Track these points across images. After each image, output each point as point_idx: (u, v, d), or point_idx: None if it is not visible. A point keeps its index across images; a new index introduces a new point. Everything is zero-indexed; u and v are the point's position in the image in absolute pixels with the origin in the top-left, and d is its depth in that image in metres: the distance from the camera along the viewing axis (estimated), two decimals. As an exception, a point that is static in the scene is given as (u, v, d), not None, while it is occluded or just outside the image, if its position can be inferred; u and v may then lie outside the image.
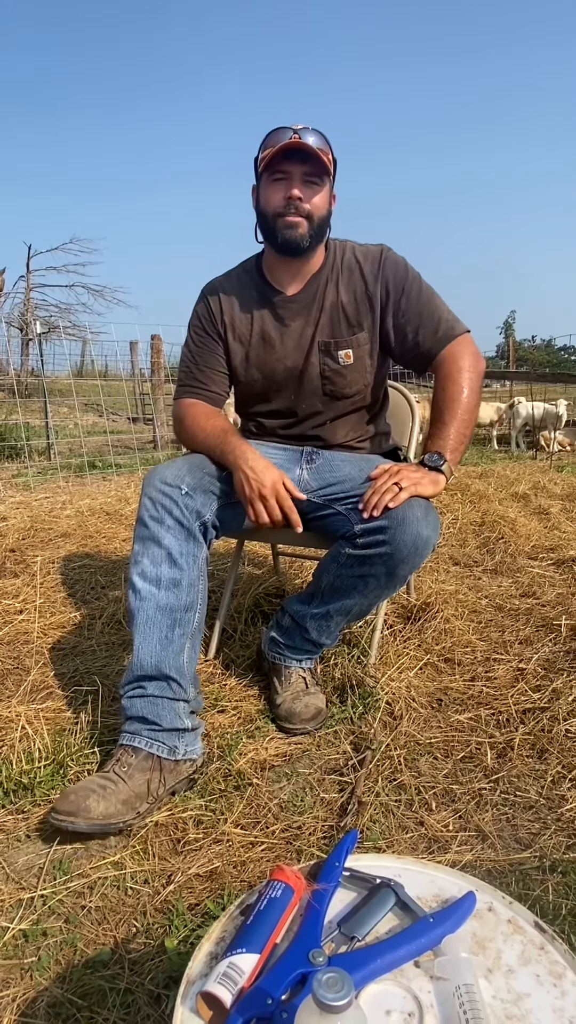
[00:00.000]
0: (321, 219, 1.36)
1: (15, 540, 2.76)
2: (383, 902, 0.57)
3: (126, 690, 1.24)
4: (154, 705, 1.21)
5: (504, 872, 1.05)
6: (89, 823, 1.06)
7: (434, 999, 0.50)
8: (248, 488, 1.29)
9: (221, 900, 0.99)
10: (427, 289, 1.44)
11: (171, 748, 1.19)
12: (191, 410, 1.47)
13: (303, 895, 0.58)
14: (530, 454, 6.39)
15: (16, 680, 1.63)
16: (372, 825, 1.14)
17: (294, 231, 1.34)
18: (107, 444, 6.09)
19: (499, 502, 3.44)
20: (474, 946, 0.55)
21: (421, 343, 1.42)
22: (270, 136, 1.33)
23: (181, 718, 1.22)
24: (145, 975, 0.87)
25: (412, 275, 1.44)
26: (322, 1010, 0.40)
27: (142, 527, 1.28)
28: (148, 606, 1.24)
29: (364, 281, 1.43)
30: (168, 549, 1.26)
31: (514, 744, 1.35)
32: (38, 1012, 0.83)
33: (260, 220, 1.40)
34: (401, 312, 1.41)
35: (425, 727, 1.43)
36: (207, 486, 1.33)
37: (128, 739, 1.19)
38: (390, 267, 1.42)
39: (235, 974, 0.49)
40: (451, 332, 1.41)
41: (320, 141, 1.32)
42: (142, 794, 1.13)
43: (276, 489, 1.30)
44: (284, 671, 1.48)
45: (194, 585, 1.28)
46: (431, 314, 1.41)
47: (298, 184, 1.32)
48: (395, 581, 1.29)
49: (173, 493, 1.28)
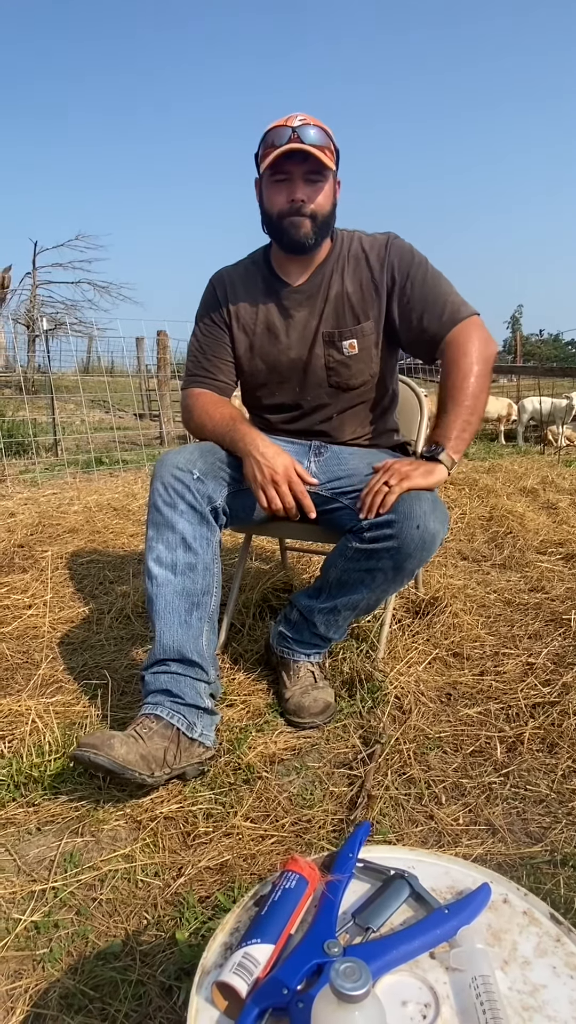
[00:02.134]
0: (325, 215, 1.35)
1: (23, 536, 2.77)
2: (397, 893, 0.57)
3: (149, 670, 1.25)
4: (177, 681, 1.22)
5: (515, 866, 1.05)
6: (110, 760, 1.07)
7: (450, 990, 0.50)
8: (260, 474, 1.29)
9: (231, 893, 0.99)
10: (433, 273, 1.41)
11: (190, 724, 1.20)
12: (199, 399, 1.47)
13: (317, 886, 0.57)
14: (537, 449, 6.36)
15: (26, 674, 1.63)
16: (382, 818, 1.14)
17: (298, 231, 1.33)
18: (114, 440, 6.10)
19: (507, 497, 3.43)
20: (489, 938, 0.54)
21: (427, 327, 1.38)
22: (269, 133, 1.31)
23: (202, 697, 1.24)
24: (156, 967, 0.88)
25: (418, 260, 1.41)
26: (339, 999, 0.40)
27: (155, 513, 1.28)
28: (166, 592, 1.25)
29: (370, 270, 1.41)
30: (182, 534, 1.26)
31: (524, 738, 1.34)
32: (50, 1003, 0.83)
33: (265, 219, 1.39)
34: (407, 297, 1.39)
35: (434, 721, 1.43)
36: (218, 472, 1.33)
37: (150, 708, 1.21)
38: (395, 253, 1.41)
39: (250, 964, 0.49)
40: (457, 315, 1.36)
41: (320, 136, 1.29)
42: (159, 759, 1.14)
43: (288, 475, 1.29)
44: (293, 665, 1.48)
45: (209, 568, 1.28)
46: (436, 298, 1.38)
47: (300, 184, 1.31)
48: (402, 575, 1.29)
49: (185, 478, 1.28)
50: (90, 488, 3.99)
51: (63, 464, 4.88)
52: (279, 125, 1.30)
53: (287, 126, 1.29)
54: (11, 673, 1.65)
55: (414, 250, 1.43)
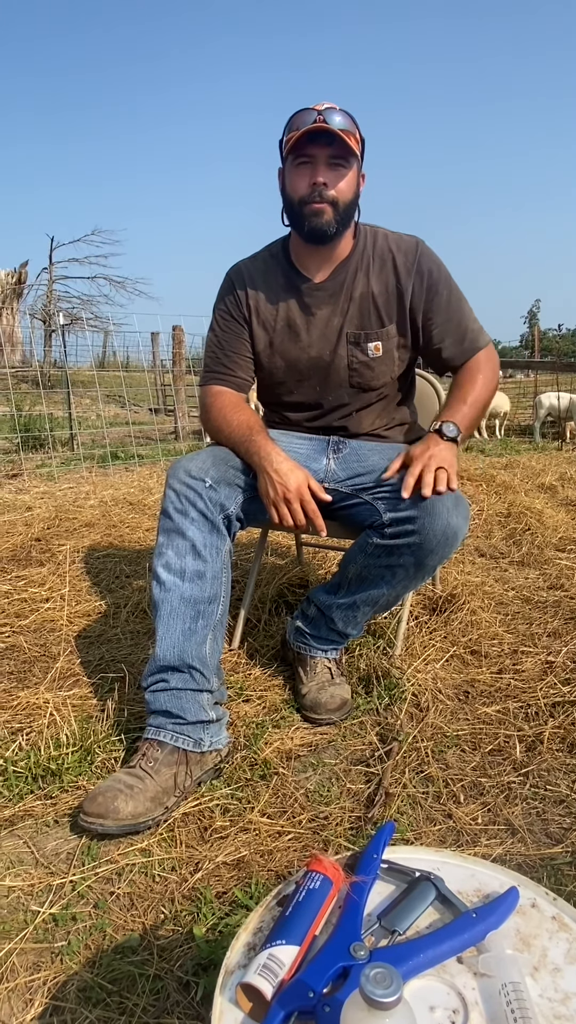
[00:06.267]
0: (347, 204, 1.33)
1: (40, 529, 2.78)
2: (423, 896, 0.56)
3: (148, 683, 1.23)
4: (177, 698, 1.20)
5: (535, 867, 1.03)
6: (119, 824, 1.06)
7: (479, 996, 0.49)
8: (272, 491, 1.28)
9: (249, 889, 0.98)
10: (456, 294, 1.43)
11: (196, 741, 1.18)
12: (218, 400, 1.45)
13: (341, 887, 0.57)
14: (555, 445, 6.29)
15: (43, 667, 1.64)
16: (399, 817, 1.13)
17: (319, 219, 1.31)
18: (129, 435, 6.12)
19: (525, 493, 3.39)
20: (518, 943, 0.53)
21: (444, 350, 1.43)
22: (294, 118, 1.30)
23: (205, 710, 1.21)
24: (174, 962, 0.87)
25: (444, 277, 1.42)
26: (370, 1006, 0.39)
27: (166, 519, 1.28)
28: (172, 597, 1.24)
29: (396, 275, 1.40)
30: (192, 541, 1.25)
31: (543, 738, 1.32)
32: (69, 996, 0.83)
33: (286, 206, 1.37)
34: (430, 318, 1.41)
35: (452, 719, 1.41)
36: (232, 479, 1.32)
37: (153, 733, 1.19)
38: (425, 265, 1.40)
39: (275, 966, 0.48)
40: (475, 345, 1.43)
41: (346, 122, 1.28)
42: (169, 788, 1.13)
43: (301, 492, 1.28)
44: (309, 661, 1.47)
45: (217, 577, 1.27)
46: (459, 323, 1.42)
47: (323, 168, 1.29)
48: (424, 572, 1.27)
49: (197, 486, 1.27)
50: (106, 482, 4.00)
51: (79, 458, 4.90)
52: (306, 109, 1.29)
53: (313, 110, 1.27)
54: (29, 666, 1.65)
55: (441, 265, 1.42)
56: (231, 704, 1.44)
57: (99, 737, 1.30)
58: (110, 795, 1.08)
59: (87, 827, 1.06)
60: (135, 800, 1.08)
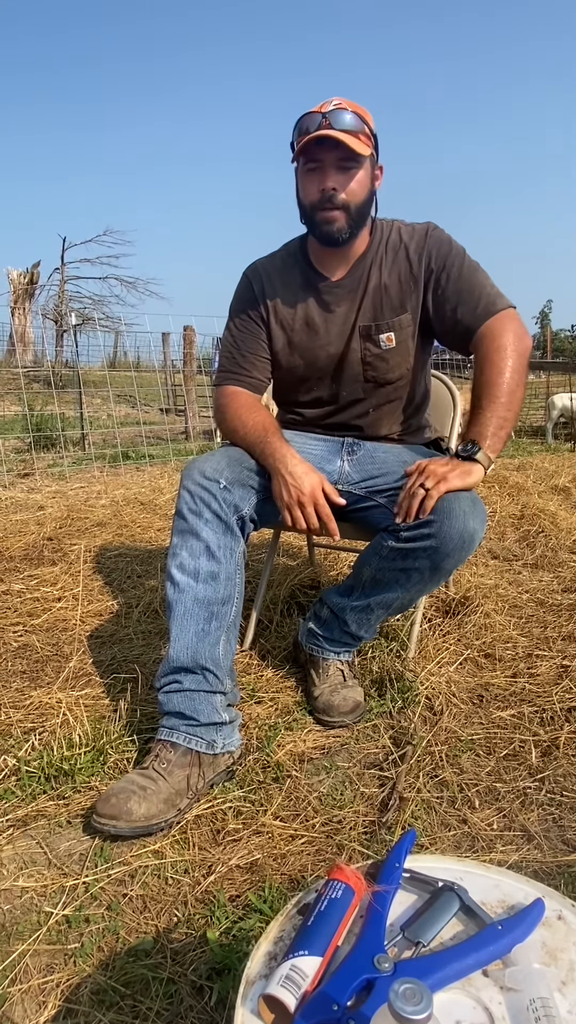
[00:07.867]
0: (360, 205, 1.31)
1: (52, 528, 2.79)
2: (447, 906, 0.55)
3: (161, 684, 1.23)
4: (191, 700, 1.19)
5: (552, 874, 1.02)
6: (131, 826, 1.06)
7: (506, 1011, 0.48)
8: (287, 494, 1.27)
9: (262, 893, 0.97)
10: (470, 264, 1.37)
11: (209, 742, 1.18)
12: (233, 400, 1.44)
13: (363, 896, 0.55)
14: (568, 446, 6.24)
15: (56, 667, 1.64)
16: (414, 821, 1.12)
17: (331, 226, 1.30)
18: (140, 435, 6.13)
19: (538, 495, 3.36)
20: (545, 956, 0.52)
21: (461, 319, 1.34)
22: (301, 121, 1.28)
23: (218, 711, 1.21)
24: (187, 965, 0.87)
25: (456, 250, 1.37)
26: (399, 1023, 0.38)
27: (180, 520, 1.27)
28: (186, 598, 1.23)
29: (408, 261, 1.38)
30: (206, 542, 1.24)
31: (559, 743, 1.31)
32: (82, 999, 0.83)
33: (301, 210, 1.36)
34: (441, 288, 1.36)
35: (466, 723, 1.40)
36: (246, 480, 1.31)
37: (166, 734, 1.18)
38: (433, 243, 1.37)
39: (298, 977, 0.47)
40: (492, 307, 1.32)
41: (354, 121, 1.26)
42: (182, 790, 1.12)
43: (315, 496, 1.27)
44: (322, 663, 1.46)
45: (231, 579, 1.26)
46: (472, 289, 1.34)
47: (332, 172, 1.27)
48: (439, 575, 1.26)
49: (211, 487, 1.26)
50: (117, 482, 4.01)
51: (90, 458, 4.91)
52: (312, 112, 1.27)
53: (319, 112, 1.26)
54: (41, 665, 1.65)
55: (452, 240, 1.39)
56: (243, 706, 1.44)
57: (112, 738, 1.30)
58: (123, 796, 1.07)
59: (100, 828, 1.06)
60: (148, 802, 1.08)
